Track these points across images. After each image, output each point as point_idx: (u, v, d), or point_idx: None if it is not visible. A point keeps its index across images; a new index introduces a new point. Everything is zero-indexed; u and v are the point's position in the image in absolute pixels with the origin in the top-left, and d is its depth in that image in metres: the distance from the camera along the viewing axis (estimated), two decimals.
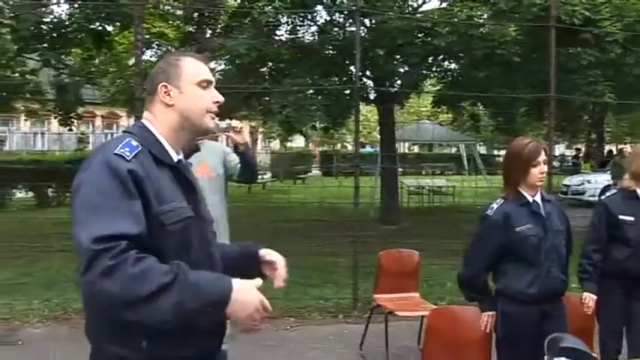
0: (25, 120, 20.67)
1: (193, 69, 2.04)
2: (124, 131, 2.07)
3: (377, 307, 5.47)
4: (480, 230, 3.53)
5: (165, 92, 2.01)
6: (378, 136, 17.70)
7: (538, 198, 3.46)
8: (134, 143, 1.90)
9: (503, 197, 3.48)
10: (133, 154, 1.87)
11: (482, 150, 36.21)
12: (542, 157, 3.39)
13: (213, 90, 2.07)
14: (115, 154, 1.85)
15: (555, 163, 33.64)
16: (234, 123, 3.88)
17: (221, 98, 2.07)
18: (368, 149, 41.18)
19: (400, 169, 21.92)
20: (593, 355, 2.74)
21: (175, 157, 2.02)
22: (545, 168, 3.44)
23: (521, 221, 3.37)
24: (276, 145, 44.01)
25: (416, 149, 41.87)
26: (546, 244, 3.37)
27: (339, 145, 45.38)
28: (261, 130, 38.51)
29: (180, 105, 2.01)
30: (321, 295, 7.32)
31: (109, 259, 1.68)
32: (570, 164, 30.72)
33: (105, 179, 1.80)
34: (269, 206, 12.75)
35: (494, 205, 3.46)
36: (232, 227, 4.74)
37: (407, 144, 35.04)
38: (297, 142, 42.12)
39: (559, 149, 48.16)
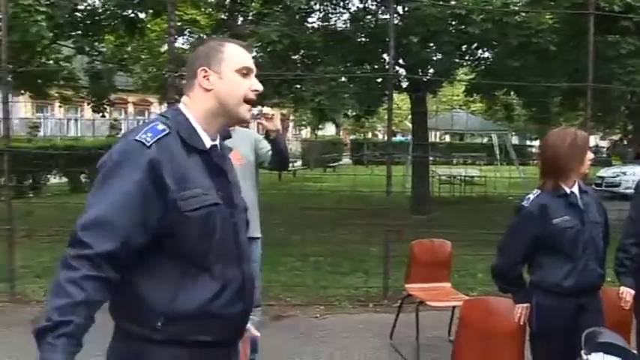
0: (60, 106, 20.96)
1: (235, 56, 2.02)
2: (159, 114, 2.07)
3: (408, 297, 5.44)
4: (515, 221, 3.46)
5: (204, 76, 1.99)
6: (410, 125, 17.57)
7: (576, 189, 3.38)
8: (160, 127, 1.90)
9: (540, 188, 3.41)
10: (155, 139, 1.86)
11: (515, 140, 35.81)
12: None
13: (254, 78, 2.05)
14: (136, 139, 1.86)
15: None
16: (266, 110, 3.87)
17: (260, 87, 2.04)
18: (399, 138, 41.00)
19: (431, 158, 21.80)
20: (633, 351, 2.68)
21: (208, 143, 2.00)
22: (591, 155, 3.40)
23: (559, 213, 3.30)
24: (307, 133, 44.04)
25: (447, 138, 41.56)
26: (584, 236, 3.30)
27: (369, 134, 45.25)
28: (292, 118, 38.57)
29: (218, 90, 1.99)
30: (351, 284, 7.31)
31: (70, 256, 1.78)
32: (605, 155, 30.26)
33: (121, 166, 1.84)
34: (300, 194, 12.74)
35: (531, 196, 3.39)
36: (263, 214, 4.76)
37: (438, 133, 34.82)
38: (328, 130, 42.11)
39: (594, 140, 47.51)
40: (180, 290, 1.87)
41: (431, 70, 12.54)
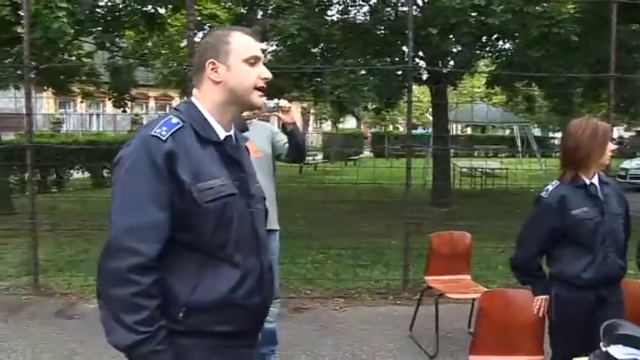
0: (81, 102, 21.19)
1: (242, 45, 2.02)
2: (172, 108, 2.09)
3: (427, 289, 5.44)
4: (534, 213, 3.44)
5: (212, 69, 2.00)
6: (431, 118, 17.49)
7: (596, 180, 3.35)
8: (174, 121, 1.92)
9: (559, 179, 3.38)
10: (170, 132, 1.89)
11: (537, 132, 35.45)
12: None
13: (262, 66, 2.05)
14: (152, 135, 1.89)
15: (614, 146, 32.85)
16: (282, 102, 3.87)
17: (269, 75, 2.05)
18: (420, 130, 40.78)
19: (452, 151, 21.65)
20: None
21: (222, 134, 2.02)
22: (613, 146, 3.38)
23: (578, 204, 3.27)
24: (327, 126, 43.99)
25: (469, 131, 41.28)
26: (604, 227, 3.27)
27: (390, 127, 45.09)
28: (312, 111, 38.57)
29: (228, 82, 2.00)
30: (371, 277, 7.32)
31: (125, 269, 1.80)
32: (629, 147, 29.88)
33: (141, 163, 1.87)
34: (320, 187, 12.74)
35: (550, 187, 3.37)
36: (284, 207, 4.77)
37: (460, 126, 34.58)
38: (349, 123, 42.06)
39: (618, 131, 46.88)
40: (200, 282, 1.90)
41: (451, 63, 12.45)
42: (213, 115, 2.01)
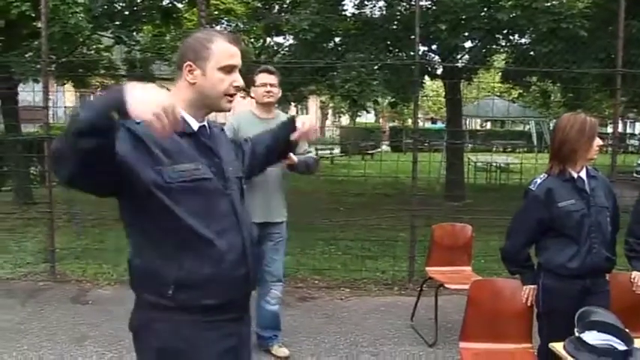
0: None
1: (220, 53, 2.11)
2: None
3: (429, 280, 5.57)
4: (522, 205, 3.55)
5: (189, 70, 2.11)
6: None
7: (583, 174, 3.45)
8: None
9: (547, 172, 3.49)
10: None
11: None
12: None
13: (236, 74, 2.15)
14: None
15: (634, 142, 32.45)
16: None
17: (241, 83, 2.16)
18: (439, 125, 40.67)
19: (470, 145, 21.60)
20: (626, 330, 2.76)
21: (196, 125, 2.15)
22: (600, 142, 3.46)
23: (565, 197, 3.37)
24: (346, 119, 43.98)
25: (488, 125, 41.08)
26: (589, 219, 3.37)
27: (409, 121, 44.98)
28: (331, 104, 38.59)
29: (201, 86, 2.12)
30: (378, 268, 7.45)
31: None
32: None
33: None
34: (332, 180, 12.88)
35: (538, 180, 3.48)
36: (297, 199, 4.91)
37: (478, 120, 34.42)
38: (368, 117, 42.02)
39: (637, 127, 46.31)
40: (185, 259, 2.04)
41: (465, 57, 12.47)
42: (186, 110, 2.12)
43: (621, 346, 2.67)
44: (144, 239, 2.09)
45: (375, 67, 10.28)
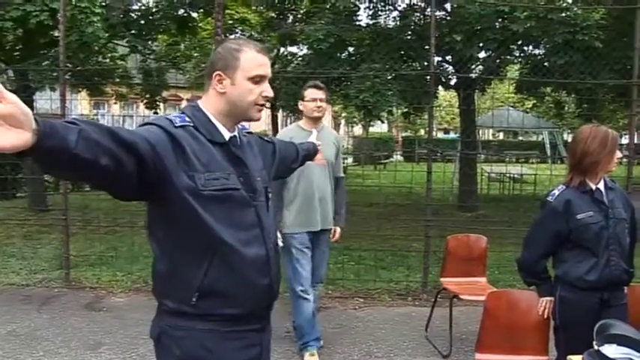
0: (115, 103, 21.64)
1: (250, 63, 2.13)
2: (180, 110, 2.23)
3: (443, 290, 5.55)
4: (539, 216, 3.53)
5: (218, 80, 2.13)
6: None
7: (601, 185, 3.43)
8: (187, 119, 2.08)
9: (566, 184, 3.47)
10: (182, 124, 2.04)
11: (570, 138, 34.95)
12: None
13: (266, 84, 2.17)
14: (167, 117, 2.05)
15: None
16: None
17: (270, 93, 2.18)
18: (452, 135, 40.58)
19: (483, 156, 21.52)
20: None
21: (227, 135, 2.16)
22: (620, 154, 3.45)
23: (583, 209, 3.35)
24: (359, 129, 44.03)
25: (501, 136, 40.96)
26: (608, 232, 3.35)
27: (422, 131, 44.96)
28: (343, 115, 38.64)
29: (230, 95, 2.14)
30: (392, 278, 7.43)
31: None
32: None
33: (149, 127, 1.98)
34: (346, 189, 12.87)
35: (556, 192, 3.46)
36: None
37: (491, 131, 34.33)
38: (381, 127, 42.02)
39: None
40: (211, 267, 2.05)
41: (479, 68, 12.46)
42: (218, 119, 2.15)
43: None
44: (170, 245, 2.09)
45: (390, 77, 10.29)
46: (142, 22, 11.72)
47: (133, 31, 11.54)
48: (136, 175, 1.79)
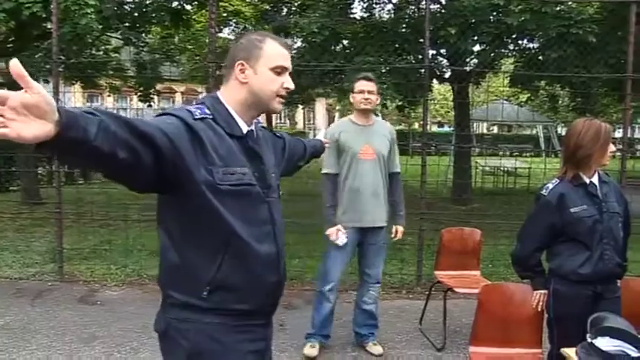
0: (109, 96, 21.59)
1: (273, 54, 2.14)
2: (198, 101, 2.20)
3: (437, 284, 5.56)
4: (534, 210, 3.54)
5: (241, 70, 2.13)
6: None
7: (595, 179, 3.44)
8: (207, 111, 2.06)
9: (560, 178, 3.48)
10: (202, 116, 2.01)
11: (563, 131, 35.06)
12: None
13: (287, 76, 2.17)
14: (187, 109, 2.02)
15: None
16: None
17: (291, 85, 2.18)
18: (446, 129, 40.62)
19: (477, 149, 21.52)
20: (639, 336, 2.74)
21: (245, 128, 2.15)
22: (613, 148, 3.46)
23: (577, 202, 3.36)
24: None
25: (495, 129, 41.00)
26: (602, 225, 3.36)
27: (416, 125, 44.97)
28: (337, 107, 38.63)
29: (252, 85, 2.13)
30: (386, 271, 7.41)
31: None
32: None
33: (167, 117, 1.94)
34: None
35: (550, 185, 3.47)
36: (302, 203, 4.95)
37: (486, 124, 34.37)
38: None
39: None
40: (224, 262, 2.04)
41: (473, 61, 12.45)
42: (237, 112, 2.14)
43: (634, 352, 2.65)
44: (183, 237, 2.06)
45: (384, 71, 10.27)
46: (136, 14, 11.64)
47: (126, 24, 11.47)
48: (153, 167, 1.75)
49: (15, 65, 1.30)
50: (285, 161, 2.63)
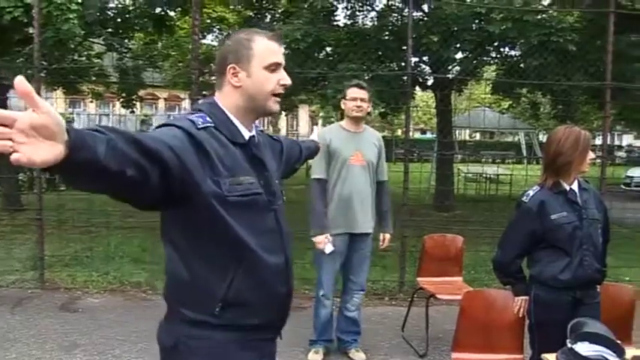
0: (91, 102, 21.45)
1: (264, 51, 2.04)
2: (194, 108, 2.13)
3: (420, 290, 5.58)
4: (514, 217, 3.58)
5: (233, 74, 2.04)
6: None
7: (575, 186, 3.48)
8: (208, 119, 1.97)
9: (540, 185, 3.52)
10: (205, 125, 1.93)
11: (544, 139, 35.36)
12: None
13: (282, 72, 2.08)
14: (189, 118, 1.93)
15: (622, 154, 32.70)
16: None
17: (288, 81, 2.09)
18: (428, 135, 40.80)
19: (460, 156, 21.66)
20: (618, 342, 2.78)
21: (247, 135, 2.07)
22: (592, 155, 3.50)
23: (557, 209, 3.40)
24: None
25: (477, 136, 41.29)
26: (581, 232, 3.40)
27: (399, 131, 45.15)
28: (321, 114, 38.66)
29: (247, 88, 2.04)
30: (368, 278, 7.42)
31: None
32: (638, 155, 29.77)
33: (170, 129, 1.85)
34: None
35: (530, 192, 3.51)
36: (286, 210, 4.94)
37: (468, 131, 34.60)
38: None
39: (627, 139, 46.68)
40: (236, 277, 1.96)
41: (456, 69, 12.55)
42: (237, 117, 2.06)
43: (613, 358, 2.69)
44: (192, 253, 1.97)
45: (367, 78, 10.31)
46: (119, 20, 11.61)
47: (109, 29, 11.43)
48: (160, 183, 1.67)
49: (21, 82, 1.20)
50: (283, 164, 2.53)
